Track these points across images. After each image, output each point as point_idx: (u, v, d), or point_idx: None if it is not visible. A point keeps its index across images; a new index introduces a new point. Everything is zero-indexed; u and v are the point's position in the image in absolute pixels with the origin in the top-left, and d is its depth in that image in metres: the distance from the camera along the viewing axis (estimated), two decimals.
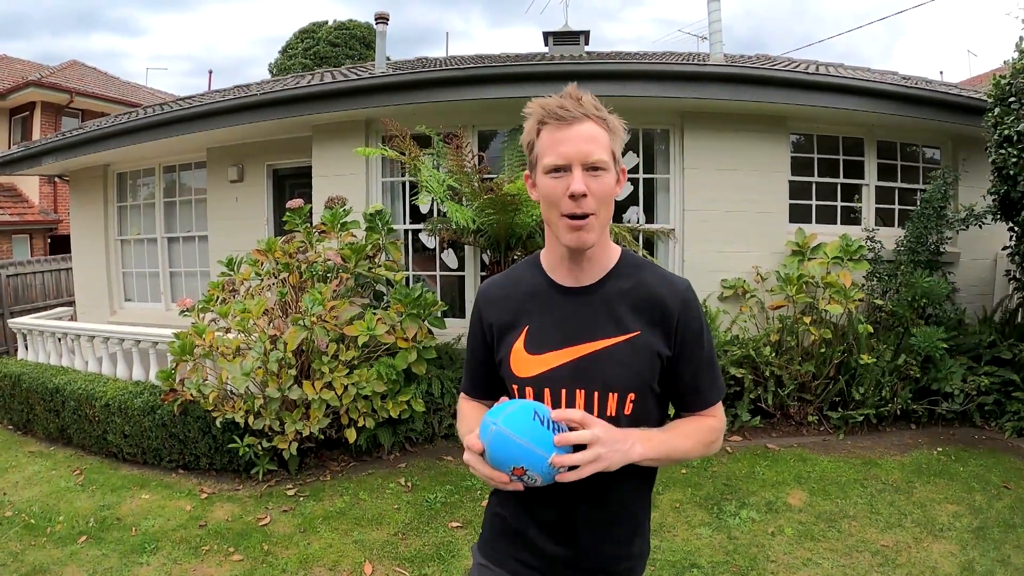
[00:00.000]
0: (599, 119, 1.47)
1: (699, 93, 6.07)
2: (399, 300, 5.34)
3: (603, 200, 1.47)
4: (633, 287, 1.57)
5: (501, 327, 1.63)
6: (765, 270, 6.50)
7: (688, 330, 1.55)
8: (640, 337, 1.52)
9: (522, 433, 1.34)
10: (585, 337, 1.53)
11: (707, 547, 4.06)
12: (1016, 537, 4.05)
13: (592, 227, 1.47)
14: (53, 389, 6.35)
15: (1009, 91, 5.39)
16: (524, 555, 1.64)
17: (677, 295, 1.56)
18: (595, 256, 1.56)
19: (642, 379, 1.53)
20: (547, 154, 1.46)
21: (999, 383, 5.86)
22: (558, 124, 1.45)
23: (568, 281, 1.59)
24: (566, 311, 1.57)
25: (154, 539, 4.42)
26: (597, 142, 1.45)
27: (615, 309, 1.55)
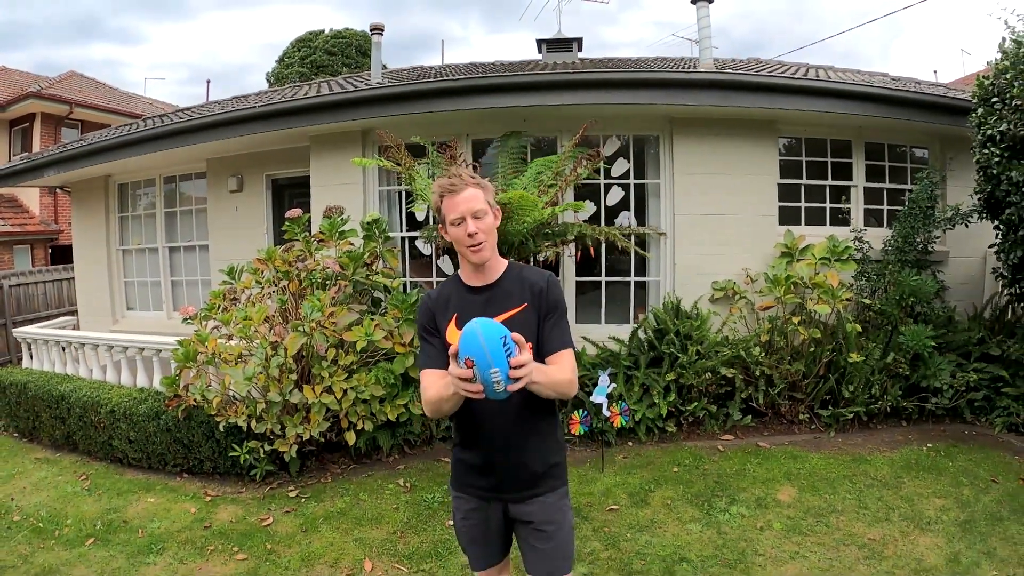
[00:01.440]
0: (474, 184, 2.30)
1: (687, 100, 6.17)
2: (396, 306, 5.46)
3: (488, 231, 2.30)
4: (517, 280, 2.40)
5: (440, 316, 2.39)
6: (755, 272, 6.59)
7: (547, 299, 2.36)
8: (527, 308, 2.34)
9: (488, 340, 1.91)
10: (492, 313, 2.25)
11: (697, 542, 4.17)
12: (1003, 529, 4.14)
13: (485, 248, 2.30)
14: (59, 396, 6.44)
15: (992, 91, 5.45)
16: (473, 479, 2.44)
17: (543, 279, 2.40)
18: (491, 266, 2.39)
19: (532, 333, 2.30)
20: (449, 213, 2.28)
21: (988, 379, 5.96)
22: (452, 194, 2.27)
23: (476, 283, 2.40)
24: (478, 301, 2.36)
25: (160, 540, 4.53)
26: (476, 199, 2.28)
27: (508, 294, 2.36)
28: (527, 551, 2.47)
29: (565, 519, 2.47)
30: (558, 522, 2.44)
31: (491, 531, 2.49)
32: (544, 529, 2.41)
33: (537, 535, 2.42)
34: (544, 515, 2.41)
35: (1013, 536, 4.06)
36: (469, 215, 2.25)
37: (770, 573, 3.80)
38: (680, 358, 5.89)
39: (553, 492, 2.44)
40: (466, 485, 2.48)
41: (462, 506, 2.50)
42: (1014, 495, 4.60)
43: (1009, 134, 5.19)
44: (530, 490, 2.40)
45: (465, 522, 2.50)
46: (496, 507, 2.45)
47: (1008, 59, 5.33)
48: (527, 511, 2.41)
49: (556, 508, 2.44)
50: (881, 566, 3.81)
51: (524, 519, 2.43)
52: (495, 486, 2.41)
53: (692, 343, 5.94)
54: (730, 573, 3.82)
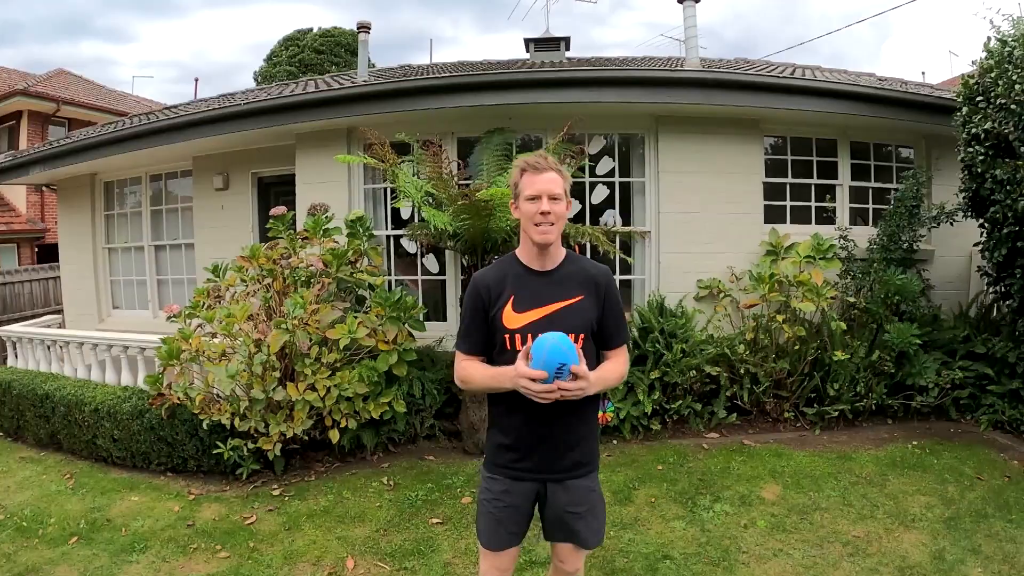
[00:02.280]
0: (557, 170, 2.42)
1: (673, 98, 6.19)
2: (379, 303, 5.45)
3: (559, 216, 2.40)
4: (577, 270, 2.52)
5: (495, 296, 2.46)
6: (740, 270, 6.62)
7: (609, 296, 2.51)
8: (583, 300, 2.46)
9: (568, 346, 2.21)
10: (551, 300, 2.44)
11: (680, 539, 4.18)
12: (988, 526, 4.17)
13: (552, 230, 2.40)
14: (43, 395, 6.40)
15: (977, 90, 5.48)
16: (513, 462, 2.51)
17: (604, 276, 2.54)
18: (552, 252, 2.49)
19: (586, 325, 2.45)
20: (527, 189, 2.40)
21: (974, 377, 5.99)
22: (534, 172, 2.40)
23: (537, 267, 2.50)
24: (538, 285, 2.47)
25: (143, 539, 4.52)
26: (556, 182, 2.39)
27: (567, 283, 2.47)
28: (560, 528, 2.58)
29: (598, 499, 2.60)
30: (591, 502, 2.56)
31: (519, 513, 2.56)
32: (577, 511, 2.52)
33: (570, 516, 2.53)
34: (578, 497, 2.52)
35: (998, 533, 4.09)
36: (546, 195, 2.36)
37: (754, 571, 3.80)
38: (665, 356, 5.89)
39: (588, 475, 2.55)
40: (502, 467, 2.54)
41: (494, 487, 2.55)
42: (999, 492, 4.63)
43: (993, 132, 5.22)
44: (568, 472, 2.50)
45: (496, 503, 2.54)
46: (530, 488, 2.53)
47: (993, 58, 5.36)
48: (562, 494, 2.51)
49: (589, 489, 2.55)
50: (865, 563, 3.82)
51: (558, 502, 2.52)
52: (534, 468, 2.49)
53: (677, 341, 5.95)
54: (713, 571, 3.82)
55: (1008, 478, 4.85)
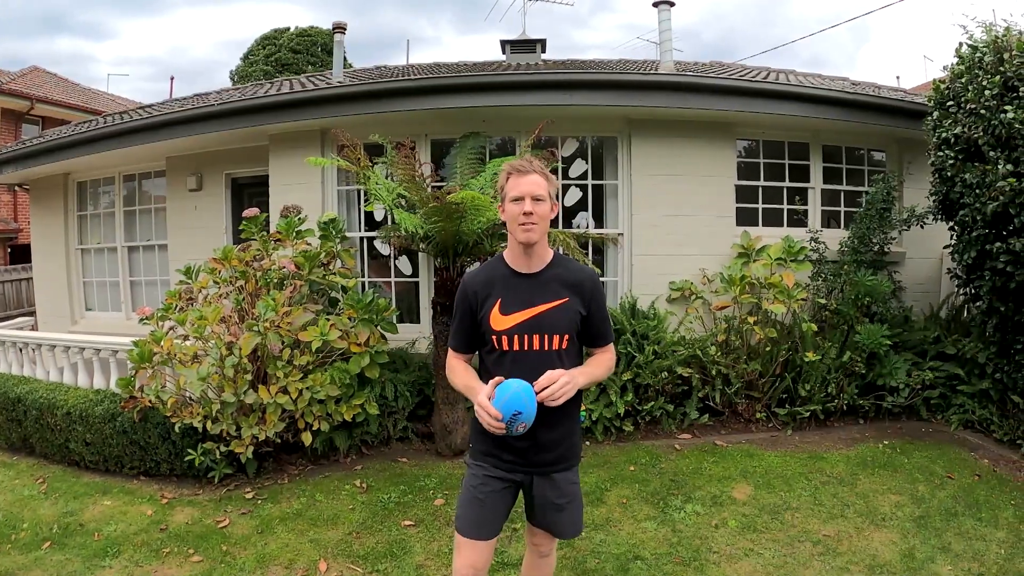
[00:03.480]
0: (541, 173, 2.51)
1: (645, 101, 6.23)
2: (351, 305, 5.45)
3: (543, 217, 2.48)
4: (563, 272, 2.60)
5: (483, 298, 2.57)
6: (712, 272, 6.67)
7: (594, 299, 2.60)
8: (569, 302, 2.55)
9: (529, 397, 2.36)
10: (537, 302, 2.53)
11: (651, 540, 4.21)
12: (958, 525, 4.23)
13: (535, 230, 2.47)
14: (15, 399, 6.31)
15: (948, 95, 5.53)
16: (499, 452, 2.61)
17: (590, 279, 2.63)
18: (538, 253, 2.57)
19: (571, 327, 2.56)
20: (511, 191, 2.49)
21: (944, 377, 6.08)
22: (519, 174, 2.49)
23: (523, 269, 2.58)
24: (524, 287, 2.56)
25: (116, 543, 4.48)
26: (540, 185, 2.48)
27: (552, 285, 2.56)
28: (542, 519, 2.72)
29: (577, 492, 2.72)
30: (573, 495, 2.69)
31: (502, 502, 2.66)
32: (558, 502, 2.65)
33: (552, 507, 2.66)
34: (562, 490, 2.65)
35: (968, 531, 4.16)
36: (529, 196, 2.45)
37: (725, 570, 3.84)
38: (637, 357, 5.94)
39: (570, 469, 2.68)
40: (487, 455, 2.64)
41: (479, 472, 2.65)
42: (969, 491, 4.71)
43: (963, 137, 5.27)
44: (553, 465, 2.62)
45: (481, 487, 2.63)
46: (516, 479, 2.64)
47: (964, 63, 5.42)
48: (547, 487, 2.64)
49: (570, 482, 2.68)
50: (836, 562, 3.87)
51: (541, 494, 2.65)
52: (520, 461, 2.60)
53: (649, 343, 6.00)
54: (684, 571, 3.85)
55: (978, 477, 4.93)
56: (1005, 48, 5.11)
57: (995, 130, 4.93)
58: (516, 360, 2.53)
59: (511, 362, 2.53)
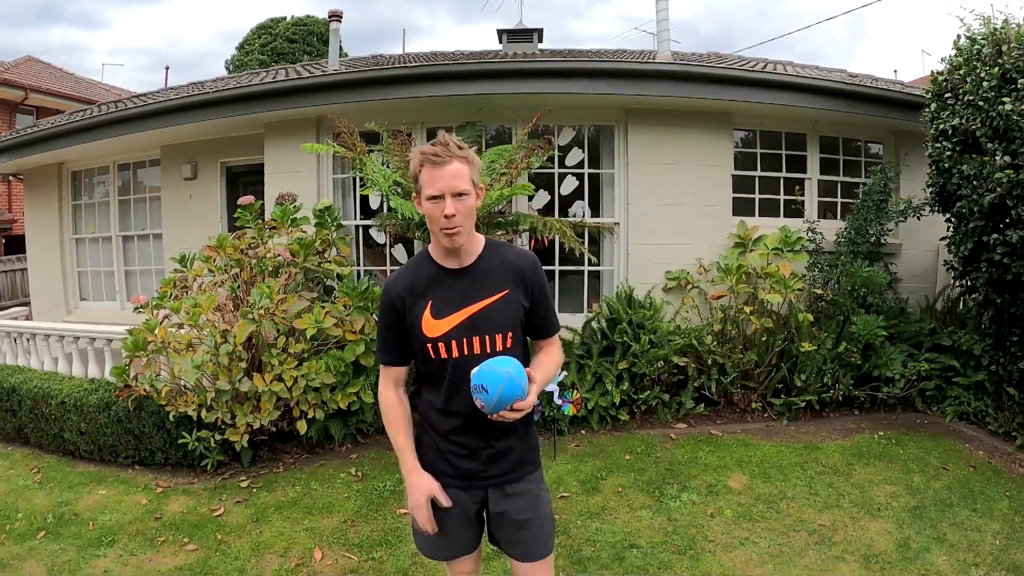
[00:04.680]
0: (461, 158, 2.09)
1: (643, 90, 6.20)
2: (346, 293, 5.43)
3: (467, 215, 2.11)
4: (499, 262, 2.27)
5: (410, 304, 2.23)
6: (708, 262, 6.65)
7: (536, 286, 2.29)
8: (509, 294, 2.24)
9: (502, 382, 2.04)
10: (472, 300, 2.21)
11: (647, 529, 4.21)
12: (953, 515, 4.23)
13: (461, 233, 2.11)
14: (9, 389, 6.30)
15: (946, 87, 5.52)
16: (447, 469, 2.31)
17: (529, 265, 2.30)
18: (467, 247, 2.21)
19: (514, 322, 2.25)
20: (427, 187, 2.09)
21: (940, 369, 6.06)
22: (434, 166, 2.07)
23: (453, 265, 2.23)
24: (456, 285, 2.22)
25: (111, 532, 4.49)
26: (461, 177, 2.08)
27: (489, 278, 2.23)
28: (506, 539, 2.39)
29: (542, 503, 2.39)
30: (535, 508, 2.36)
31: (464, 522, 2.37)
32: (518, 519, 2.33)
33: (515, 525, 2.34)
34: (519, 503, 2.33)
35: (963, 522, 4.15)
36: (449, 193, 2.06)
37: (720, 559, 3.84)
38: (633, 347, 5.92)
39: (531, 476, 2.38)
40: (442, 474, 2.31)
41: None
42: (964, 482, 4.70)
43: (961, 128, 5.25)
44: (510, 475, 2.32)
45: (440, 514, 2.30)
46: (473, 495, 2.34)
47: (962, 55, 5.41)
48: (502, 503, 2.33)
49: (533, 495, 2.37)
50: (831, 551, 3.87)
51: (498, 511, 2.34)
52: (475, 473, 2.30)
53: (645, 332, 5.97)
54: (680, 559, 3.85)
55: (973, 468, 4.92)
56: (1003, 40, 5.10)
57: (993, 122, 4.92)
58: (457, 368, 2.21)
59: (451, 371, 2.22)
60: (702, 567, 3.78)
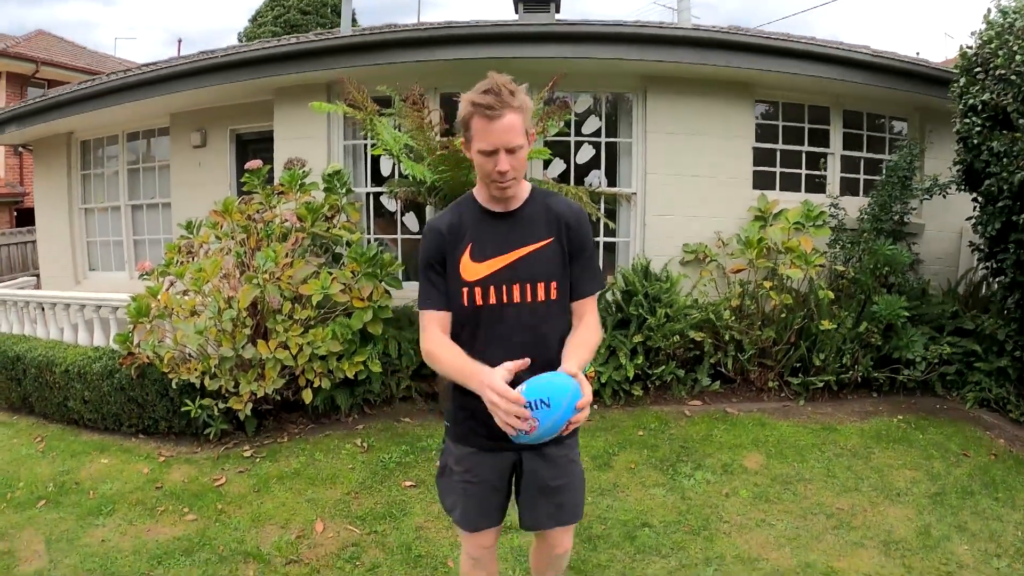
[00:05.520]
0: (515, 108, 1.98)
1: (663, 56, 6.01)
2: (355, 259, 5.30)
3: (519, 168, 2.06)
4: (544, 210, 2.21)
5: (452, 244, 2.16)
6: (727, 236, 6.50)
7: (580, 238, 2.21)
8: (553, 242, 2.17)
9: (567, 394, 1.89)
10: (515, 246, 2.14)
11: (660, 507, 4.09)
12: (974, 503, 4.09)
13: (512, 186, 2.10)
14: (14, 357, 6.27)
15: (975, 62, 5.35)
16: (482, 430, 2.14)
17: (574, 214, 2.23)
18: (515, 194, 2.16)
19: (558, 272, 2.18)
20: (479, 140, 2.01)
21: (961, 353, 5.87)
22: (487, 118, 1.97)
23: (498, 208, 2.18)
24: (499, 229, 2.16)
25: (111, 501, 4.45)
26: (515, 130, 1.99)
27: (533, 225, 2.18)
28: (531, 502, 2.34)
29: (577, 469, 2.36)
30: (572, 474, 2.33)
31: (494, 490, 2.33)
32: (553, 484, 2.28)
33: (548, 491, 2.29)
34: (558, 469, 2.28)
35: (984, 511, 4.01)
36: (503, 148, 1.99)
37: (735, 541, 3.72)
38: (648, 320, 5.77)
39: (568, 441, 2.30)
40: (474, 435, 2.24)
41: (467, 460, 2.29)
42: (985, 470, 4.54)
43: (991, 104, 5.10)
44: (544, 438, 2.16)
45: (466, 480, 2.28)
46: (505, 459, 2.28)
47: (993, 29, 5.24)
48: (540, 465, 2.27)
49: (569, 460, 2.32)
50: (849, 536, 3.74)
51: (532, 472, 2.28)
52: (506, 437, 2.08)
53: (661, 305, 5.82)
54: (693, 540, 3.74)
55: (994, 456, 4.76)
56: None
57: None
58: (493, 318, 2.13)
59: (487, 320, 2.14)
60: (716, 548, 3.67)
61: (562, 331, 2.19)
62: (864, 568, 3.46)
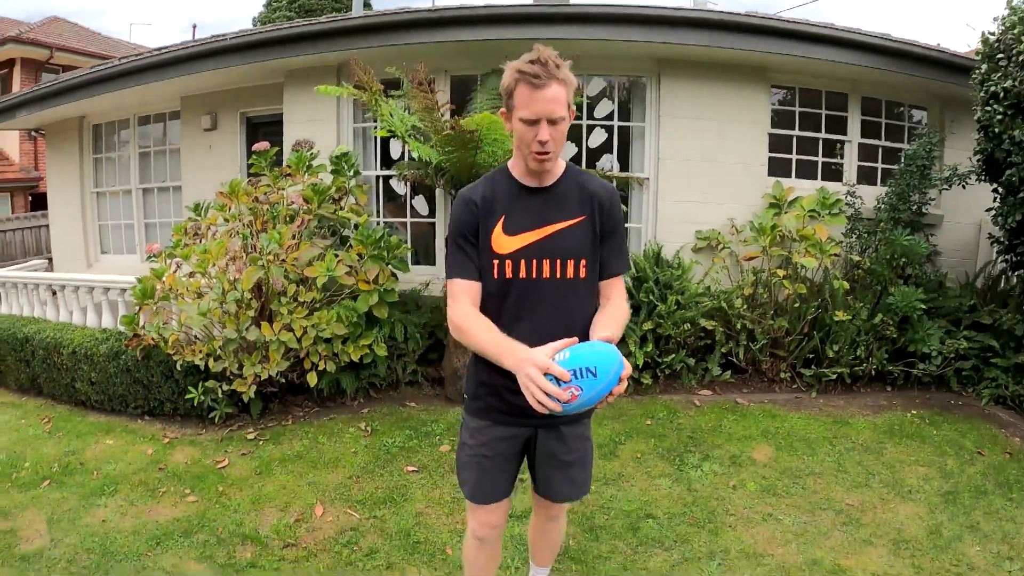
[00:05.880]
0: (560, 81, 1.99)
1: (676, 38, 5.90)
2: (361, 241, 5.25)
3: (560, 140, 2.07)
4: (577, 187, 2.22)
5: (484, 215, 2.15)
6: (741, 223, 6.38)
7: (611, 217, 2.23)
8: (585, 220, 2.18)
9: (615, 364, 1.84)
10: (548, 221, 2.15)
11: (665, 498, 4.01)
12: (987, 503, 3.97)
13: (552, 159, 2.10)
14: (23, 339, 6.32)
15: (998, 47, 5.23)
16: (500, 406, 2.25)
17: (607, 193, 2.24)
18: (551, 168, 2.17)
19: (588, 250, 2.19)
20: (522, 109, 2.01)
21: (978, 348, 5.72)
22: (533, 86, 1.97)
23: (532, 183, 2.19)
24: (532, 204, 2.17)
25: (114, 482, 4.46)
26: (559, 102, 2.00)
27: (566, 202, 2.19)
28: (542, 474, 2.43)
29: (589, 446, 2.43)
30: (583, 451, 2.40)
31: (507, 463, 2.37)
32: (564, 459, 2.35)
33: (560, 464, 2.37)
34: (570, 445, 2.35)
35: (998, 511, 3.89)
36: (546, 119, 2.00)
37: (741, 535, 3.63)
38: (658, 307, 5.67)
39: (580, 421, 2.36)
40: (492, 410, 2.29)
41: (478, 435, 2.33)
42: (1000, 469, 4.41)
43: (1013, 91, 4.98)
44: (561, 416, 2.10)
45: (481, 453, 2.33)
46: (519, 434, 2.33)
47: (1016, 14, 5.12)
48: (554, 442, 2.33)
49: (583, 437, 2.39)
50: (859, 533, 3.64)
51: (545, 448, 2.35)
52: (525, 411, 2.02)
53: (672, 292, 5.73)
54: (698, 533, 3.66)
55: (1009, 455, 4.62)
56: None
57: None
58: (521, 292, 2.15)
59: (516, 295, 2.15)
60: (721, 542, 3.58)
61: (589, 310, 2.21)
62: (872, 567, 3.36)
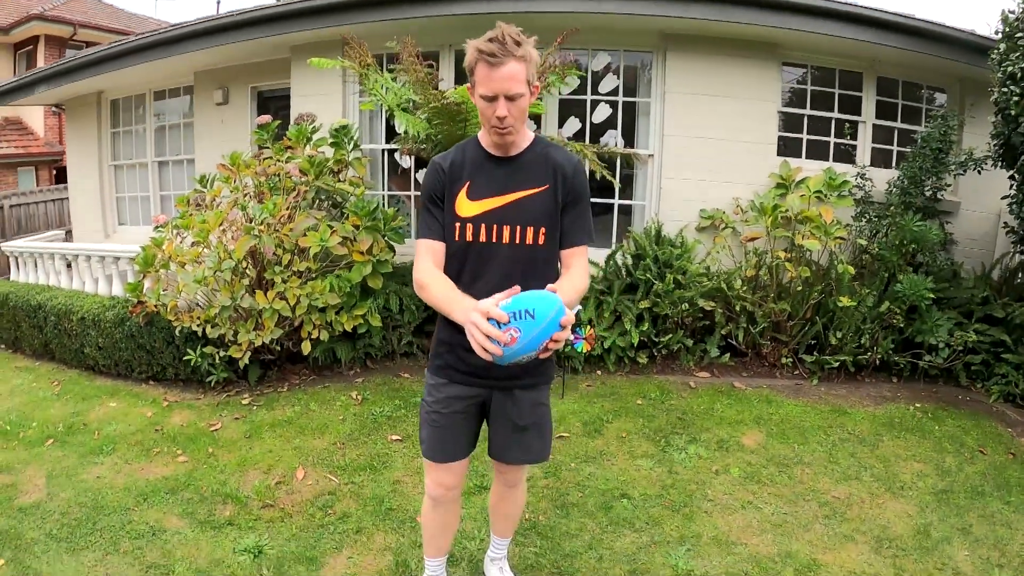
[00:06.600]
0: (519, 58, 2.06)
1: (682, 12, 5.75)
2: (355, 212, 5.27)
3: (519, 116, 2.14)
4: (543, 158, 2.29)
5: (451, 180, 2.25)
6: (746, 202, 6.26)
7: (573, 188, 2.28)
8: (547, 190, 2.25)
9: (552, 308, 1.88)
10: (511, 189, 2.24)
11: (644, 479, 3.95)
12: (983, 505, 3.78)
13: (511, 133, 2.17)
14: (36, 306, 6.52)
15: (1017, 26, 5.03)
16: (457, 364, 2.33)
17: (571, 164, 2.30)
18: (515, 141, 2.25)
19: (549, 218, 2.26)
20: (481, 86, 2.11)
21: (988, 342, 5.50)
22: (489, 64, 2.05)
23: (499, 152, 2.27)
24: (497, 173, 2.26)
25: (112, 442, 4.63)
26: (516, 79, 2.07)
27: (530, 171, 2.26)
28: (496, 438, 2.48)
29: (546, 414, 2.47)
30: (539, 416, 2.43)
31: (464, 423, 2.42)
32: (519, 423, 2.39)
33: (510, 427, 2.40)
34: (525, 410, 2.39)
35: (993, 514, 3.69)
36: (503, 95, 2.08)
37: (715, 521, 3.54)
38: (656, 285, 5.57)
39: (537, 388, 2.41)
40: (450, 368, 2.37)
41: (436, 392, 2.40)
42: (1000, 469, 4.20)
43: None
44: (515, 379, 2.34)
45: (438, 411, 2.38)
46: (476, 395, 2.38)
47: None
48: (509, 405, 2.38)
49: (538, 403, 2.42)
50: (840, 528, 3.50)
51: (499, 411, 2.40)
52: (481, 372, 2.27)
53: (671, 271, 5.62)
54: (671, 516, 3.57)
55: (1013, 455, 4.40)
56: None
57: None
58: (481, 255, 2.24)
59: (475, 258, 2.25)
60: (694, 528, 3.49)
61: (548, 277, 2.22)
62: (850, 564, 3.22)
